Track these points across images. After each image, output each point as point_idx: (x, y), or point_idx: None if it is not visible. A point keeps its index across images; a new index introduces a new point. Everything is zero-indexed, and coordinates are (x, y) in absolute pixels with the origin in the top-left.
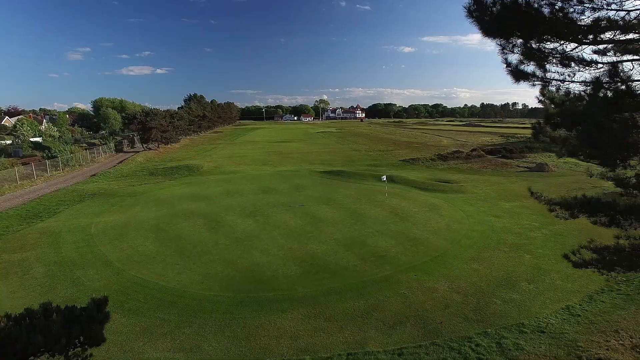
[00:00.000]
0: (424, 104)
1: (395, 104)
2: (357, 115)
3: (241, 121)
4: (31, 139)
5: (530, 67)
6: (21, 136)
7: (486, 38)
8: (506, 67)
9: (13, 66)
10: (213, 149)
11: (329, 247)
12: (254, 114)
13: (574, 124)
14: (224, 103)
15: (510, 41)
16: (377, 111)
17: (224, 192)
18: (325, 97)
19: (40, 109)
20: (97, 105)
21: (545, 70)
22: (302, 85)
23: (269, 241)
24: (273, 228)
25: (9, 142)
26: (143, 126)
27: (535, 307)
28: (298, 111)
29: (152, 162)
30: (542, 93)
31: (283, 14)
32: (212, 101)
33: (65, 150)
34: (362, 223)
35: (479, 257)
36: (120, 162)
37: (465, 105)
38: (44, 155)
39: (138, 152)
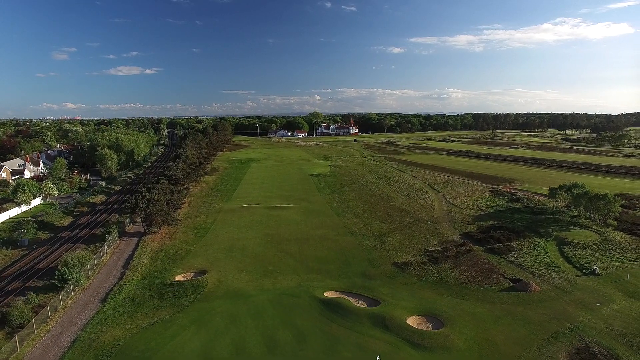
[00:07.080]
0: (415, 115)
1: (387, 116)
2: (351, 132)
3: (235, 138)
4: (32, 203)
5: None
6: (23, 204)
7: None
8: None
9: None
10: (212, 226)
11: None
12: (248, 128)
13: None
14: (218, 122)
15: None
16: (370, 125)
17: (232, 350)
18: (318, 98)
19: (33, 124)
20: (94, 144)
21: None
22: (294, 86)
23: None
24: None
25: (13, 213)
26: (145, 213)
27: None
28: (292, 125)
29: (156, 262)
30: None
31: (268, 15)
32: (205, 129)
33: (75, 268)
34: None
35: None
36: (126, 263)
37: (458, 115)
38: (55, 279)
39: (141, 235)
